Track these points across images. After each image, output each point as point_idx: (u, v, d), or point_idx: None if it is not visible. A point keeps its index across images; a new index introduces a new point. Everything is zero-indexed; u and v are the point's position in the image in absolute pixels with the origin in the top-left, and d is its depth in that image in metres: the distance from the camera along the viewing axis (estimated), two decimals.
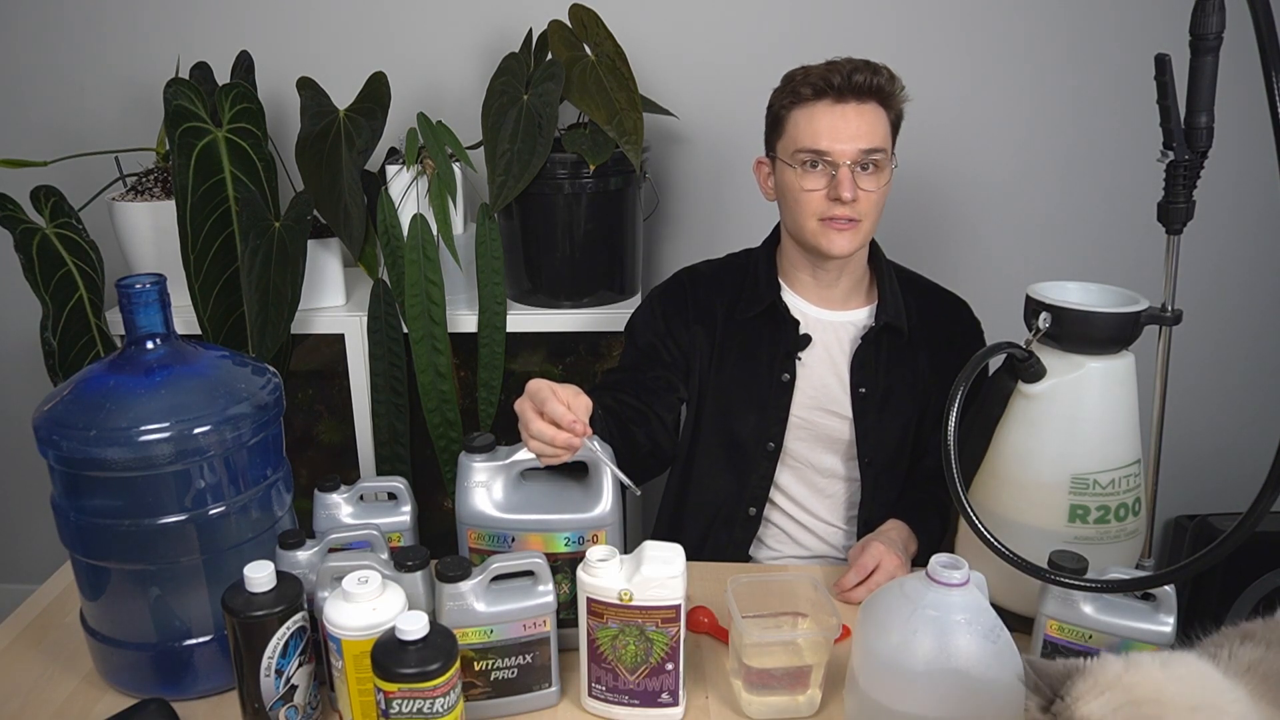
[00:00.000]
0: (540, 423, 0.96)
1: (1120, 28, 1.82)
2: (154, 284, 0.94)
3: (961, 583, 0.83)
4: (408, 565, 0.91)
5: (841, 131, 1.22)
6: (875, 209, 1.26)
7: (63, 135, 1.94)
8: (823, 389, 1.33)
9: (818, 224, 1.26)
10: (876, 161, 1.24)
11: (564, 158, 1.62)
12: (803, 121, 1.25)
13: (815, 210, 1.25)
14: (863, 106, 1.23)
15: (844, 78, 1.21)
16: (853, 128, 1.22)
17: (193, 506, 0.93)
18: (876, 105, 1.24)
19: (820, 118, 1.23)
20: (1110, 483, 1.01)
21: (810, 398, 1.33)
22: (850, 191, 1.21)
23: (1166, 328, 1.02)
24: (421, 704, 0.82)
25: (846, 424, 1.33)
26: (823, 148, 1.22)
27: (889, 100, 1.25)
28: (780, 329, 1.33)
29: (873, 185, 1.24)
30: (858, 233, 1.26)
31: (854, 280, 1.35)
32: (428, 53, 1.89)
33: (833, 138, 1.22)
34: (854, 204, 1.23)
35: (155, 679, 0.98)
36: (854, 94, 1.22)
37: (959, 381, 0.96)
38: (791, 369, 1.32)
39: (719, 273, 1.40)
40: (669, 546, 0.92)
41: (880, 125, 1.24)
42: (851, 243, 1.26)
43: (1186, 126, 0.96)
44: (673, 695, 0.94)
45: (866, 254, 1.35)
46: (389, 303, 1.69)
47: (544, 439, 0.96)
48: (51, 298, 1.63)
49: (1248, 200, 1.91)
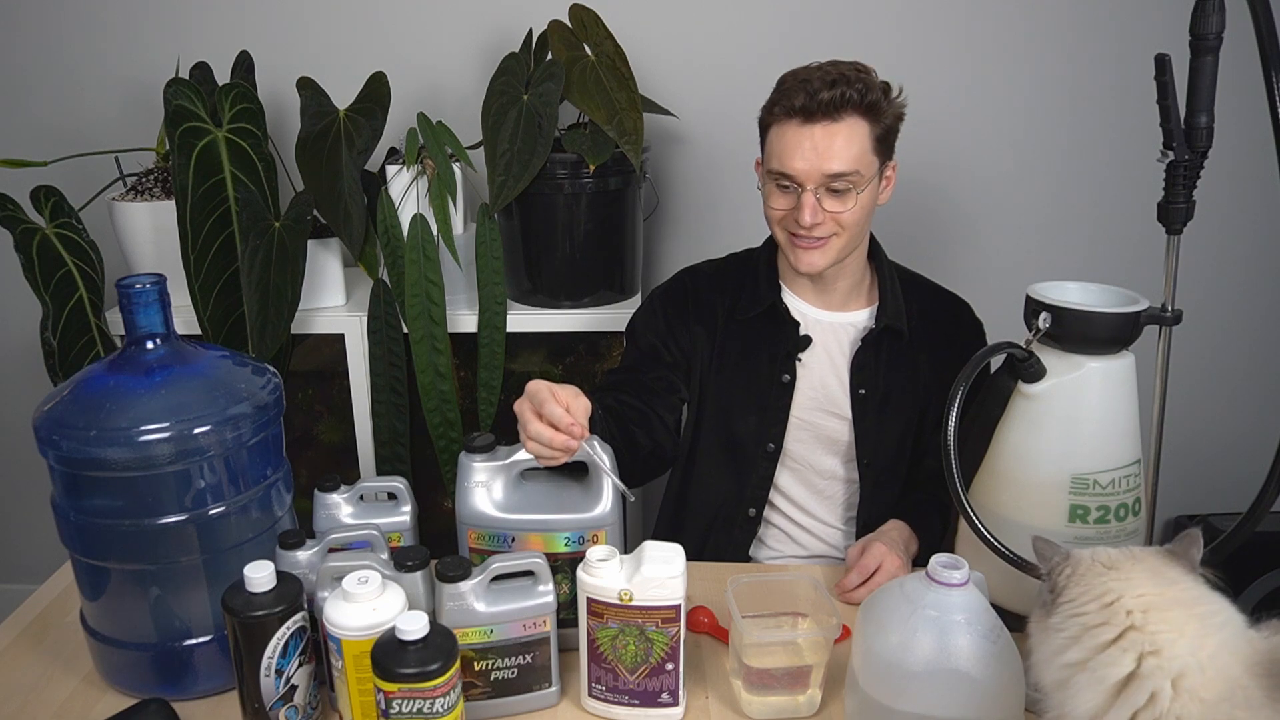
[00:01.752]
0: (538, 424, 0.96)
1: (1120, 28, 1.82)
2: (154, 284, 0.94)
3: (961, 583, 0.83)
4: (408, 565, 0.91)
5: (808, 153, 1.18)
6: (852, 225, 1.23)
7: (63, 135, 1.94)
8: (823, 390, 1.33)
9: (787, 240, 1.26)
10: (845, 185, 1.19)
11: (564, 158, 1.62)
12: (775, 139, 1.23)
13: (784, 227, 1.26)
14: (834, 126, 1.18)
15: (809, 98, 1.17)
16: (818, 151, 1.18)
17: (193, 506, 0.93)
18: (856, 119, 1.19)
19: (788, 138, 1.20)
20: (1110, 483, 1.01)
21: (810, 399, 1.33)
22: (811, 217, 1.19)
23: (1166, 328, 1.02)
24: (421, 704, 0.82)
25: (846, 425, 1.33)
26: (786, 170, 1.20)
27: (872, 110, 1.19)
28: (781, 330, 1.33)
29: (839, 207, 1.21)
30: (828, 249, 1.24)
31: (853, 282, 1.34)
32: (428, 53, 1.89)
33: (796, 161, 1.19)
34: (821, 224, 1.21)
35: (155, 679, 0.98)
36: (823, 113, 1.17)
37: (959, 381, 0.96)
38: (792, 370, 1.32)
39: (720, 273, 1.39)
40: (669, 546, 0.92)
41: (854, 144, 1.19)
42: (823, 258, 1.24)
43: (1186, 126, 0.96)
44: (673, 695, 0.94)
45: (864, 255, 1.34)
46: (389, 303, 1.69)
47: (541, 440, 0.96)
48: (51, 298, 1.63)
49: (1248, 200, 1.92)
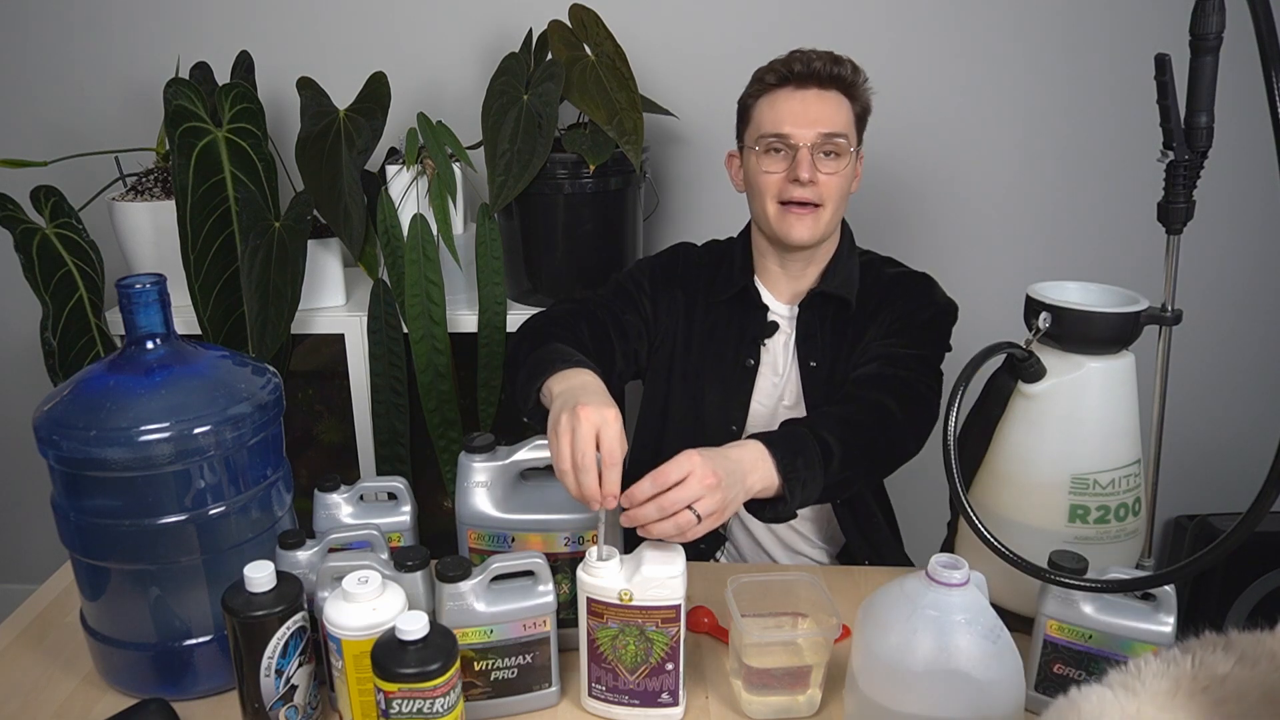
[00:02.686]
0: (569, 474, 0.91)
1: (1120, 28, 1.82)
2: (154, 284, 0.94)
3: (961, 583, 0.83)
4: (408, 565, 0.91)
5: (801, 115, 1.24)
6: (836, 195, 1.26)
7: (63, 135, 1.94)
8: (785, 377, 1.34)
9: (778, 209, 1.27)
10: (837, 146, 1.24)
11: (564, 158, 1.62)
12: (765, 108, 1.27)
13: (775, 193, 1.26)
14: (825, 93, 1.25)
15: (804, 65, 1.24)
16: (813, 112, 1.24)
17: (193, 506, 0.93)
18: (839, 94, 1.26)
19: (781, 103, 1.26)
20: (1110, 483, 1.01)
21: (773, 384, 1.34)
22: (808, 172, 1.22)
23: (1166, 328, 1.02)
24: (421, 704, 0.82)
25: (802, 405, 1.33)
26: (784, 131, 1.24)
27: (852, 90, 1.27)
28: (749, 315, 1.34)
29: (832, 169, 1.25)
30: (818, 220, 1.26)
31: (822, 270, 1.33)
32: (428, 53, 1.89)
33: (793, 121, 1.24)
34: (813, 187, 1.24)
35: (155, 679, 0.98)
36: (815, 81, 1.24)
37: (959, 381, 0.96)
38: (756, 355, 1.33)
39: (706, 251, 1.42)
40: (669, 546, 0.92)
41: (842, 112, 1.26)
42: (812, 230, 1.26)
43: (1186, 126, 0.96)
44: (673, 695, 0.94)
45: (835, 246, 1.34)
46: (389, 303, 1.69)
47: (568, 483, 0.91)
48: (51, 298, 1.63)
49: (1248, 200, 1.91)
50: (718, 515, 0.91)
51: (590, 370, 1.06)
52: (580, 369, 1.05)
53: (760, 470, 0.98)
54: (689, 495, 0.88)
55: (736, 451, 0.97)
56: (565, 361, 1.07)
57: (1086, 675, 0.92)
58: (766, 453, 0.99)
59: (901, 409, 1.15)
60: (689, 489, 0.89)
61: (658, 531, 0.89)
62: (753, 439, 1.00)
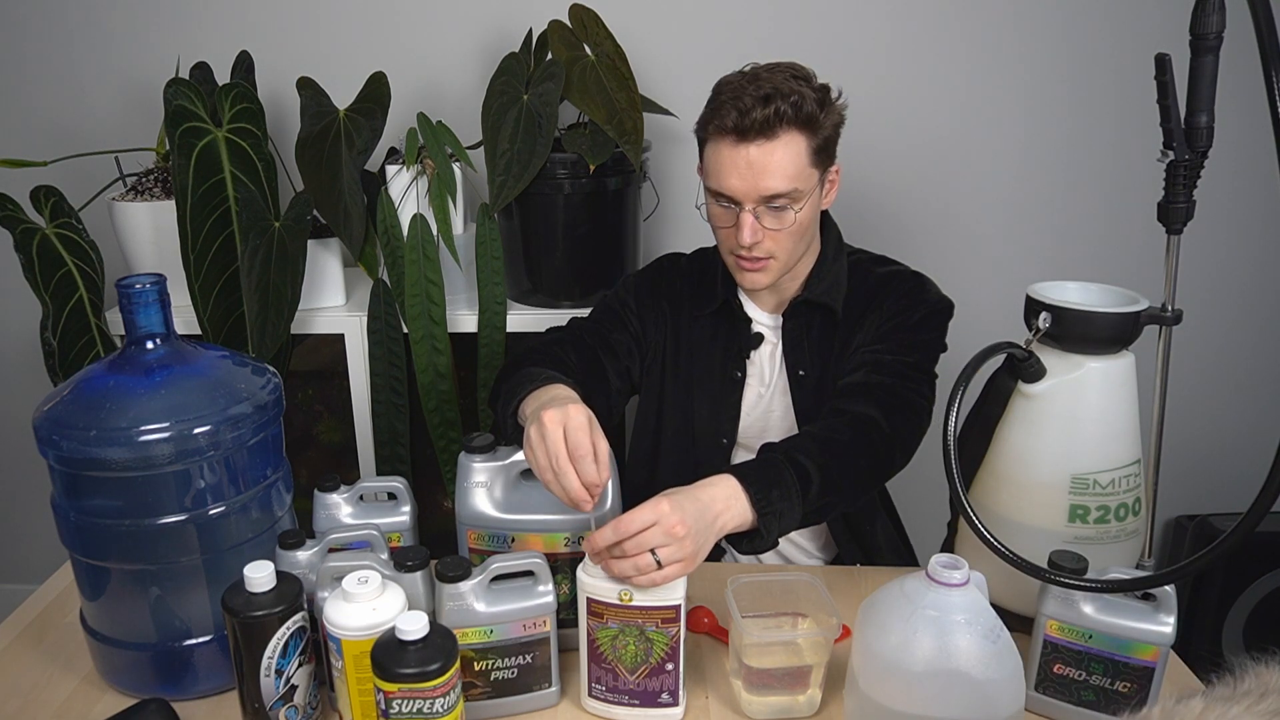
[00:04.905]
0: (553, 482, 0.93)
1: (1120, 28, 1.82)
2: (154, 284, 0.94)
3: (961, 583, 0.83)
4: (408, 565, 0.91)
5: (745, 174, 1.16)
6: (788, 241, 1.20)
7: (63, 135, 1.94)
8: (774, 386, 1.33)
9: (733, 259, 1.25)
10: (783, 203, 1.17)
11: (564, 158, 1.62)
12: (711, 156, 1.20)
13: (727, 246, 1.24)
14: (770, 144, 1.14)
15: (740, 116, 1.13)
16: (755, 171, 1.15)
17: (193, 506, 0.93)
18: (792, 134, 1.14)
19: (724, 158, 1.17)
20: (1110, 483, 1.01)
21: (760, 395, 1.34)
22: (750, 236, 1.18)
23: (1166, 328, 1.02)
24: (421, 704, 0.82)
25: (791, 413, 1.32)
26: (725, 190, 1.18)
27: (809, 123, 1.15)
28: (734, 328, 1.33)
29: (777, 224, 1.18)
30: (770, 270, 1.22)
31: (804, 279, 1.31)
32: (428, 53, 1.89)
33: (737, 178, 1.16)
34: (760, 244, 1.20)
35: (155, 679, 0.98)
36: (757, 132, 1.13)
37: (959, 382, 0.96)
38: (742, 367, 1.32)
39: (690, 265, 1.40)
40: None
41: (790, 160, 1.15)
42: (766, 278, 1.23)
43: (1186, 126, 0.96)
44: (673, 695, 0.94)
45: (816, 255, 1.30)
46: (389, 303, 1.69)
47: (555, 492, 0.94)
48: (51, 298, 1.63)
49: (1248, 200, 1.92)
50: (686, 563, 0.90)
51: (561, 383, 1.07)
52: (550, 384, 1.06)
53: (734, 509, 0.96)
54: (651, 542, 0.88)
55: (708, 491, 0.95)
56: (534, 381, 1.07)
57: (1086, 675, 0.92)
58: (740, 489, 0.97)
59: (887, 420, 1.12)
60: (651, 536, 0.88)
61: (615, 570, 0.89)
62: (727, 473, 0.98)
